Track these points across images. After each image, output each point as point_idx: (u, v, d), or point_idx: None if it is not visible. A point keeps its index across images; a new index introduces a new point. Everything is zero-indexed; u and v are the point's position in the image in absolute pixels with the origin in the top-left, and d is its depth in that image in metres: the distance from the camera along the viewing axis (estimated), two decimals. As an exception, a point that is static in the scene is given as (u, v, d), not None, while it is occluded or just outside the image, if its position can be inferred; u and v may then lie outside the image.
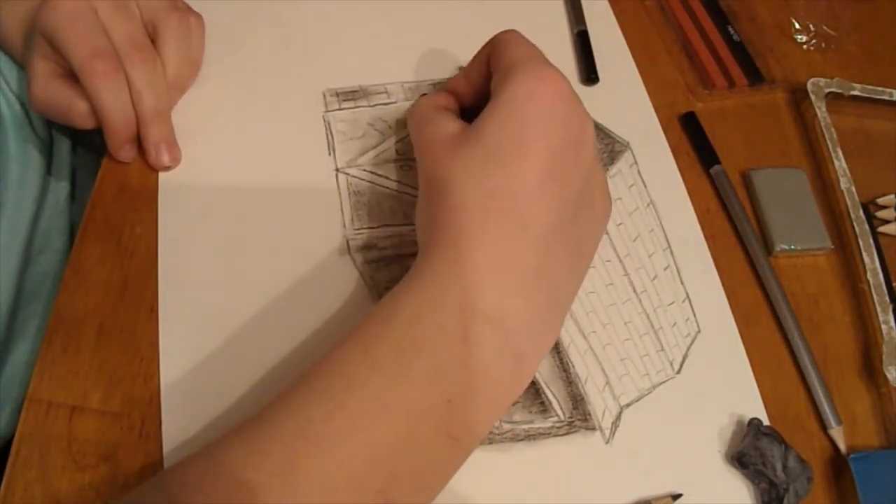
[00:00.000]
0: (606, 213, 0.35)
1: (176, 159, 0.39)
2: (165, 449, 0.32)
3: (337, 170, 0.40)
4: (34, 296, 0.40)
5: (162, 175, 0.39)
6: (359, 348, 0.28)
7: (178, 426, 0.32)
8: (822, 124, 0.44)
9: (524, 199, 0.29)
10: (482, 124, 0.31)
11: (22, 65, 0.41)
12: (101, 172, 0.40)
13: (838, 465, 0.35)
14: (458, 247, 0.29)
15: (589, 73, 0.46)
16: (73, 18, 0.36)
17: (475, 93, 0.36)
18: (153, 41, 0.39)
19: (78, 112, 0.37)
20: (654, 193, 0.42)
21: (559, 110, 0.30)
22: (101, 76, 0.36)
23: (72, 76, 0.37)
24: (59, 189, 0.44)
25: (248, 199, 0.39)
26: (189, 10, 0.41)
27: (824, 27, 0.51)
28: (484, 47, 0.35)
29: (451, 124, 0.33)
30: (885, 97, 0.47)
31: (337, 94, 0.43)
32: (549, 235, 0.30)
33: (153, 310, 0.35)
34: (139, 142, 0.39)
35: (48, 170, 0.44)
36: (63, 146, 0.45)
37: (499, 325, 0.28)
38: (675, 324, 0.38)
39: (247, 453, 0.26)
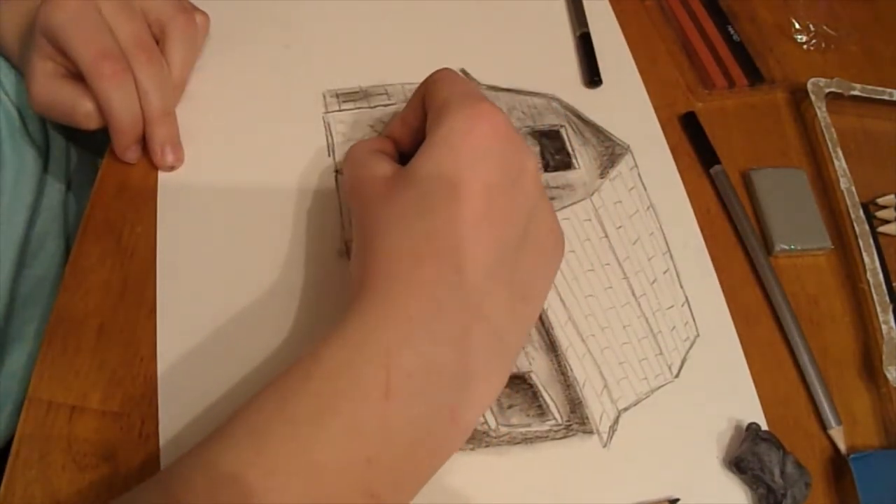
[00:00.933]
0: (557, 253, 0.33)
1: (180, 159, 0.40)
2: (163, 449, 0.32)
3: (337, 171, 0.40)
4: (30, 299, 0.40)
5: (162, 175, 0.39)
6: (274, 403, 0.26)
7: (175, 426, 0.32)
8: (822, 124, 0.44)
9: (459, 243, 0.28)
10: (415, 166, 0.29)
11: (18, 68, 0.41)
12: (101, 172, 0.40)
13: (838, 465, 0.35)
14: (388, 295, 0.27)
15: (592, 76, 0.46)
16: (79, 19, 0.36)
17: (413, 136, 0.35)
18: (160, 40, 0.39)
19: (83, 112, 0.37)
20: (654, 197, 0.42)
21: (495, 148, 0.29)
22: (109, 77, 0.36)
23: (74, 76, 0.37)
24: (55, 193, 0.44)
25: (247, 200, 0.39)
26: (195, 9, 0.42)
27: (824, 27, 0.51)
28: (419, 88, 0.34)
29: (384, 167, 0.31)
30: (885, 97, 0.47)
31: (337, 96, 0.43)
32: (487, 280, 0.28)
33: (153, 310, 0.35)
34: (143, 142, 0.39)
35: (44, 174, 0.44)
36: (58, 150, 0.45)
37: (427, 378, 0.27)
38: (674, 328, 0.38)
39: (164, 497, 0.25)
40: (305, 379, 0.26)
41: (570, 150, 0.43)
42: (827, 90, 0.45)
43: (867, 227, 0.41)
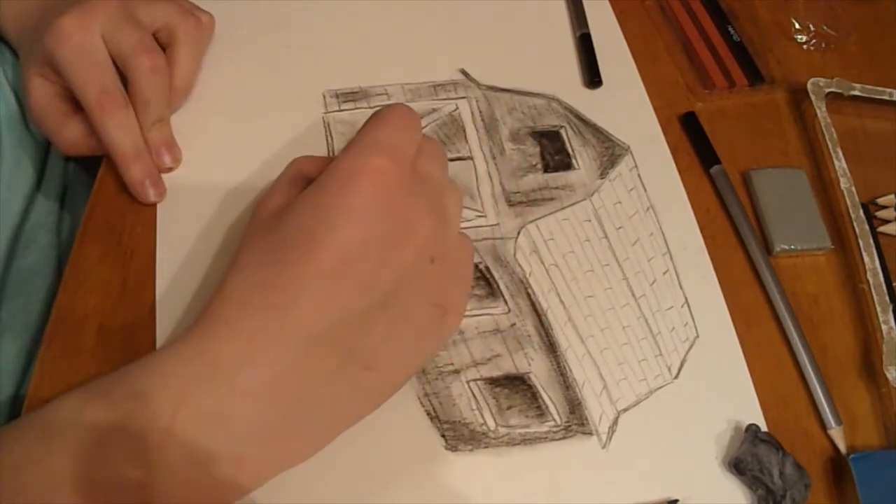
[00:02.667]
0: (436, 329, 0.32)
1: (177, 159, 0.40)
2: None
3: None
4: (19, 290, 0.41)
5: (162, 175, 0.39)
6: (71, 409, 0.27)
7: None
8: (822, 124, 0.44)
9: (291, 300, 0.27)
10: (287, 210, 0.29)
11: (20, 57, 0.41)
12: (101, 172, 0.40)
13: (838, 465, 0.35)
14: (209, 334, 0.27)
15: (592, 77, 0.46)
16: (81, 55, 0.36)
17: None
18: (168, 45, 0.40)
19: (62, 138, 0.38)
20: (654, 197, 0.42)
21: (368, 209, 0.28)
22: (110, 113, 0.37)
23: (69, 97, 0.38)
24: (51, 187, 0.44)
25: (247, 200, 0.39)
26: (200, 11, 0.42)
27: (824, 27, 0.51)
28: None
29: (280, 200, 0.31)
30: (885, 97, 0.46)
31: (337, 96, 0.43)
32: (318, 341, 0.27)
33: (153, 310, 0.35)
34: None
35: (42, 167, 0.44)
36: None
37: (215, 424, 0.27)
38: (673, 329, 0.38)
39: None
40: (105, 396, 0.27)
41: (569, 150, 0.43)
42: (827, 90, 0.45)
43: (867, 227, 0.41)
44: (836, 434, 0.36)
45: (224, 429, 0.27)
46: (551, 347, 0.37)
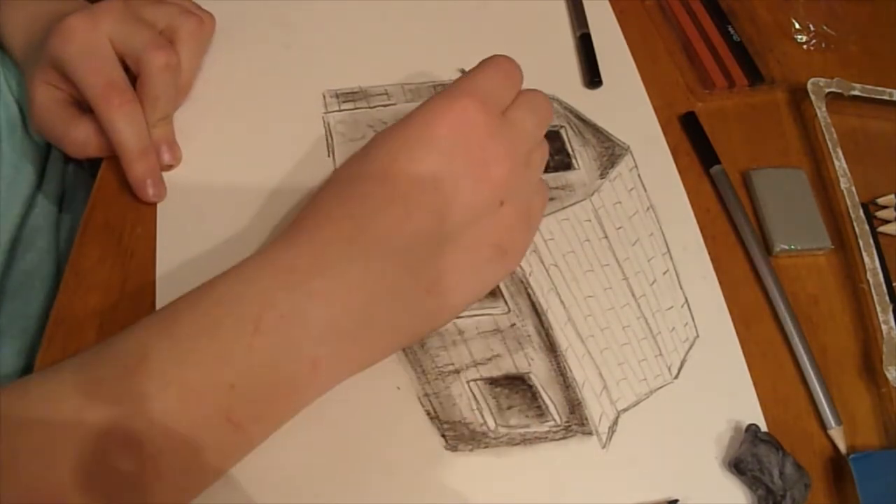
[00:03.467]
0: (493, 267, 0.33)
1: (177, 158, 0.40)
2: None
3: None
4: (18, 293, 0.41)
5: (162, 175, 0.39)
6: (163, 321, 0.29)
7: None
8: (822, 124, 0.44)
9: (371, 212, 0.30)
10: (376, 139, 0.32)
11: (21, 66, 0.41)
12: (101, 172, 0.40)
13: (838, 465, 0.35)
14: (289, 246, 0.30)
15: (592, 77, 0.46)
16: (88, 51, 0.37)
17: None
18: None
19: (70, 140, 0.38)
20: (654, 197, 0.42)
21: (448, 142, 0.30)
22: (117, 108, 0.37)
23: (75, 103, 0.38)
24: (51, 190, 0.45)
25: (247, 200, 0.39)
26: (202, 11, 0.42)
27: (824, 27, 0.51)
28: None
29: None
30: (885, 97, 0.47)
31: (337, 96, 0.43)
32: (386, 257, 0.30)
33: (153, 310, 0.35)
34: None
35: (41, 171, 0.44)
36: (58, 150, 0.46)
37: (294, 325, 0.28)
38: (673, 329, 0.38)
39: (77, 382, 0.27)
40: (195, 303, 0.29)
41: (569, 150, 0.43)
42: (827, 90, 0.45)
43: (867, 227, 0.41)
44: (836, 434, 0.36)
45: (303, 331, 0.29)
46: (551, 347, 0.37)
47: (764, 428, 0.35)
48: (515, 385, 0.35)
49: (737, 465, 0.34)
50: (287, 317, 0.28)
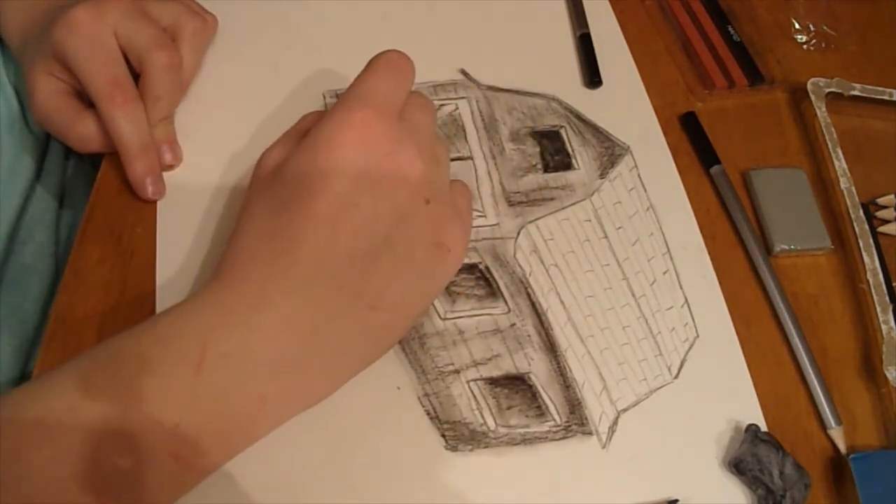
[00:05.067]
0: (437, 268, 0.33)
1: (178, 158, 0.40)
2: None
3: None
4: (15, 286, 0.41)
5: (162, 174, 0.39)
6: (107, 356, 0.28)
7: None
8: (822, 124, 0.44)
9: (295, 244, 0.29)
10: (285, 164, 0.31)
11: (19, 59, 0.41)
12: (101, 172, 0.40)
13: (838, 465, 0.35)
14: (221, 289, 0.30)
15: (592, 77, 0.46)
16: (93, 46, 0.36)
17: None
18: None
19: (75, 134, 0.38)
20: (654, 197, 0.42)
21: (359, 157, 0.30)
22: (120, 105, 0.37)
23: (77, 95, 0.38)
24: (50, 184, 0.45)
25: (247, 200, 0.39)
26: (206, 12, 0.42)
27: (824, 27, 0.51)
28: None
29: (280, 154, 0.32)
30: (885, 97, 0.46)
31: (337, 96, 0.43)
32: (323, 283, 0.29)
33: (153, 310, 0.35)
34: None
35: (41, 163, 0.44)
36: (57, 143, 0.46)
37: (238, 362, 0.28)
38: (673, 329, 0.38)
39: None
40: (137, 340, 0.29)
41: (569, 150, 0.43)
42: (827, 90, 0.45)
43: (867, 227, 0.41)
44: (836, 434, 0.36)
45: (247, 367, 0.28)
46: (551, 347, 0.37)
47: (764, 428, 0.35)
48: (515, 385, 0.35)
49: (737, 465, 0.34)
50: (229, 354, 0.28)
